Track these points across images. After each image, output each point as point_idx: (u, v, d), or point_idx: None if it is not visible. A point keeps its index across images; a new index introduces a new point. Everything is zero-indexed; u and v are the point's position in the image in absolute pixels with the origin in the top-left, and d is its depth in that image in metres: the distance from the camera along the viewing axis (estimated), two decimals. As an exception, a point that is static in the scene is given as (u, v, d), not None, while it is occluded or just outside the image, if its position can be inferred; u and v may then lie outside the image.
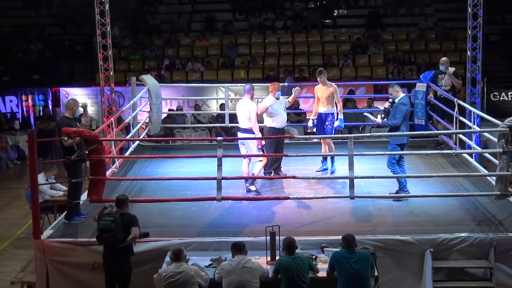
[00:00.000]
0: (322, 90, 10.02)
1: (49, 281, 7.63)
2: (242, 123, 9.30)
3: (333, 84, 10.11)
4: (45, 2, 22.12)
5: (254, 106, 9.27)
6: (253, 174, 9.31)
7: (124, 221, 6.93)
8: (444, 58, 11.68)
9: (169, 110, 15.49)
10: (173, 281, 6.45)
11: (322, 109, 10.04)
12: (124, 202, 7.20)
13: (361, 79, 18.13)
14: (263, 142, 9.36)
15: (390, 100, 8.92)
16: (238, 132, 9.47)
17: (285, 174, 9.68)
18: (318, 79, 10.01)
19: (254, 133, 9.13)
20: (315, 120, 10.18)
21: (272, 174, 9.86)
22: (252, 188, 9.31)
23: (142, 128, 12.51)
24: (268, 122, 9.75)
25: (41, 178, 9.93)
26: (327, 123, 10.00)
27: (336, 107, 10.02)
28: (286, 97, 10.24)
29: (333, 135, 10.11)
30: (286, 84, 13.96)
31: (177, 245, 6.84)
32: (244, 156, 9.24)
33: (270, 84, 9.87)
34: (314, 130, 10.24)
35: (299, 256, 6.68)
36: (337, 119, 10.00)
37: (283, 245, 6.78)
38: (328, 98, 9.93)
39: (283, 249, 6.79)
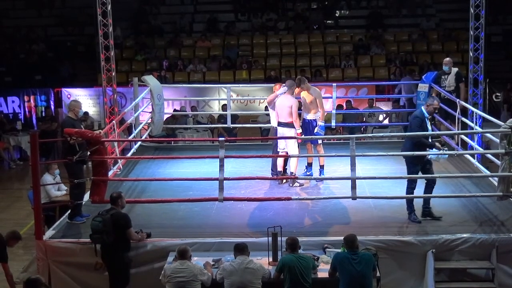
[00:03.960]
0: (305, 95, 9.78)
1: (51, 281, 7.64)
2: (283, 117, 9.46)
3: (317, 89, 9.98)
4: (47, 3, 22.14)
5: (297, 102, 9.46)
6: (293, 173, 9.46)
7: (113, 221, 7.03)
8: (448, 59, 11.68)
9: (174, 110, 15.54)
10: (177, 278, 6.50)
11: (307, 115, 9.79)
12: (116, 199, 7.28)
13: (363, 79, 18.11)
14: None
15: None
16: (278, 127, 9.57)
17: (291, 174, 9.68)
18: (302, 87, 9.71)
19: (294, 128, 9.36)
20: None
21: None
22: (296, 185, 9.51)
23: (144, 128, 12.52)
24: (274, 123, 9.77)
25: (48, 177, 9.94)
26: (315, 130, 9.67)
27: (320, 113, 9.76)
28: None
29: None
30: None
31: (182, 245, 6.87)
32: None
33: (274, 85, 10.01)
34: None
35: (303, 256, 6.69)
36: (316, 125, 9.72)
37: (287, 244, 6.79)
38: (312, 103, 9.71)
39: (286, 248, 6.80)
